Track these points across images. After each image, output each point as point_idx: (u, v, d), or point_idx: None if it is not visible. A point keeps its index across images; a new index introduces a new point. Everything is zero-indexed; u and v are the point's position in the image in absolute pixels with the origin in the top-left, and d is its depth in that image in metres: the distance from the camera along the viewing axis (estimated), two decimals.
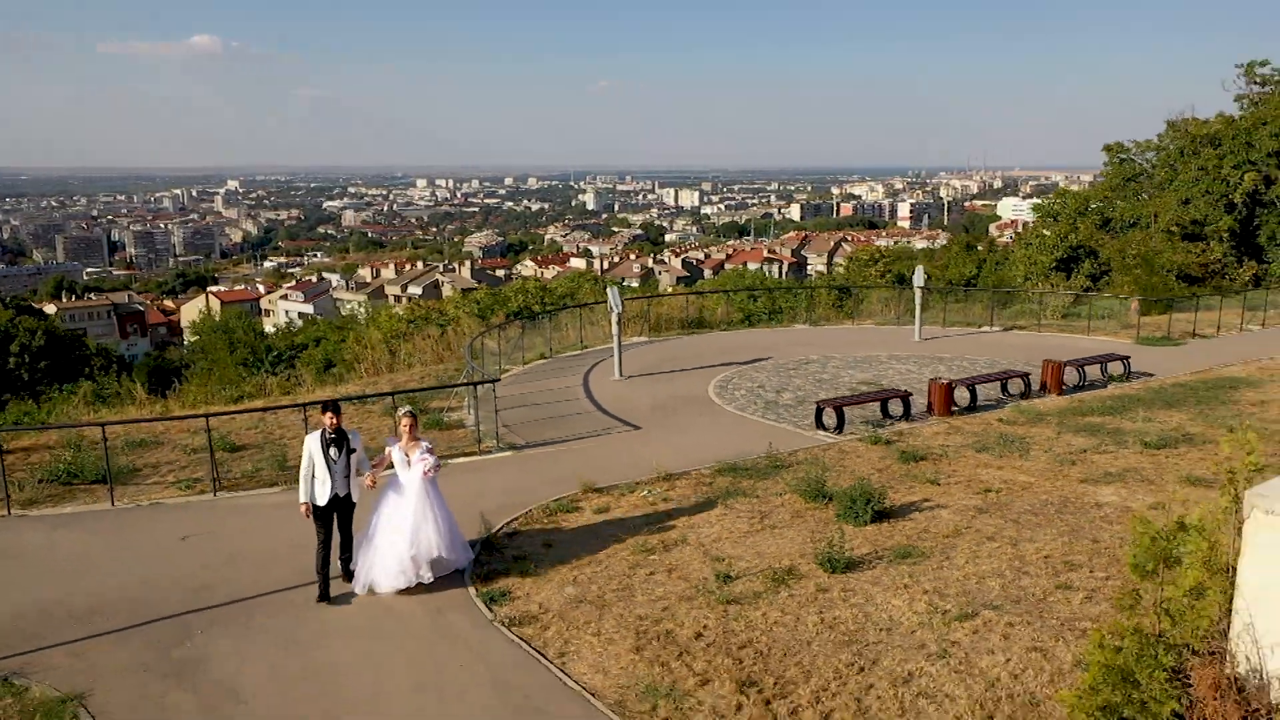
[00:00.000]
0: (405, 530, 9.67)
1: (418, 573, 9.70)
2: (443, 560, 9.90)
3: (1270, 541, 5.91)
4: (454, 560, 10.05)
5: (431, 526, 9.75)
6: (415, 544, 9.66)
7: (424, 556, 9.71)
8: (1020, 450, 14.63)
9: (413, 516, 9.71)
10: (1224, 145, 45.08)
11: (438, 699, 7.81)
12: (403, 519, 9.71)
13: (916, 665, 8.10)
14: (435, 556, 9.79)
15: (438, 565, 9.88)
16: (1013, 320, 29.60)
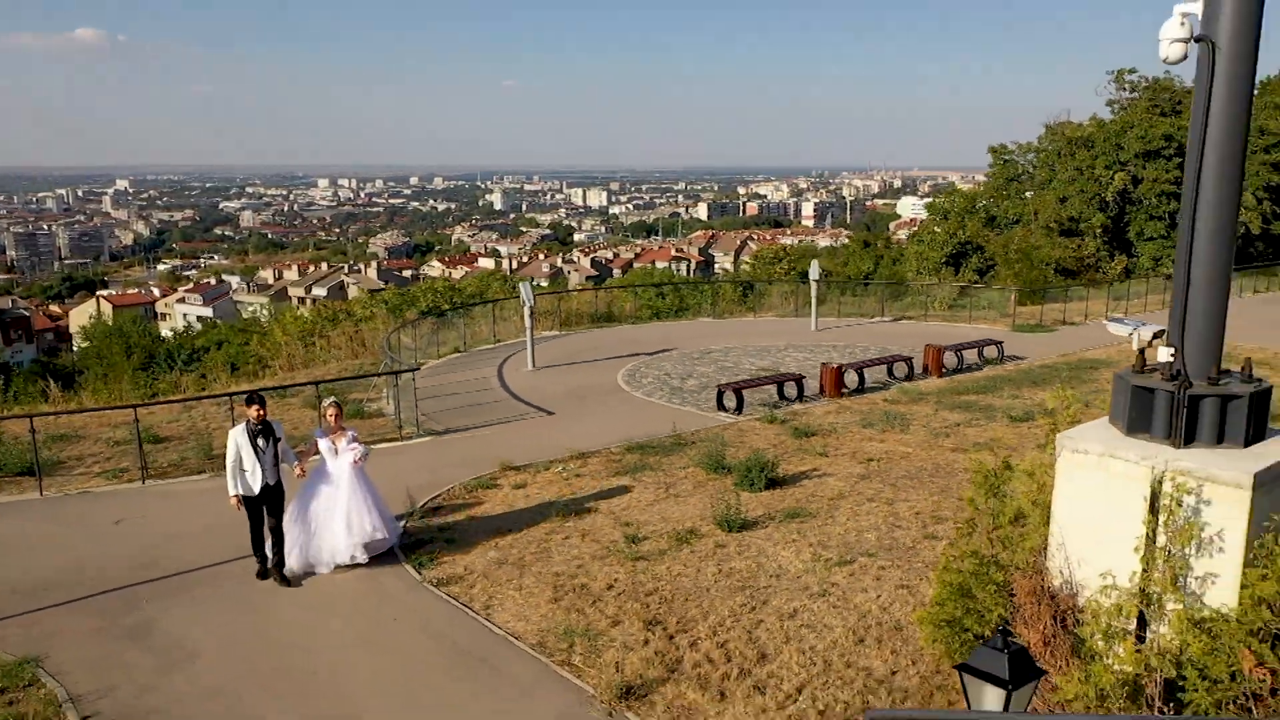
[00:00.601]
0: (338, 515, 10.14)
1: (352, 555, 10.18)
2: (375, 541, 10.40)
3: (1076, 474, 7.20)
4: (386, 539, 10.55)
5: (364, 510, 10.24)
6: (350, 528, 10.14)
7: (359, 539, 10.18)
8: (901, 425, 16.07)
9: (345, 502, 10.17)
10: (1096, 147, 48.18)
11: (376, 648, 8.64)
12: (335, 505, 10.16)
13: (801, 603, 9.27)
14: (369, 539, 10.28)
15: (371, 546, 10.37)
16: (903, 311, 31.46)
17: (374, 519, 10.33)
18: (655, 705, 7.62)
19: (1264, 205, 45.72)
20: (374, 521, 10.32)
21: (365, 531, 10.22)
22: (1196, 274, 6.94)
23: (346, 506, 10.18)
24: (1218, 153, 6.71)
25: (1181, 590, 6.61)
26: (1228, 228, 6.87)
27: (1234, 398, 6.86)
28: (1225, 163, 6.74)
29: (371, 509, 10.36)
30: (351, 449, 10.30)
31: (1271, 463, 6.57)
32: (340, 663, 8.38)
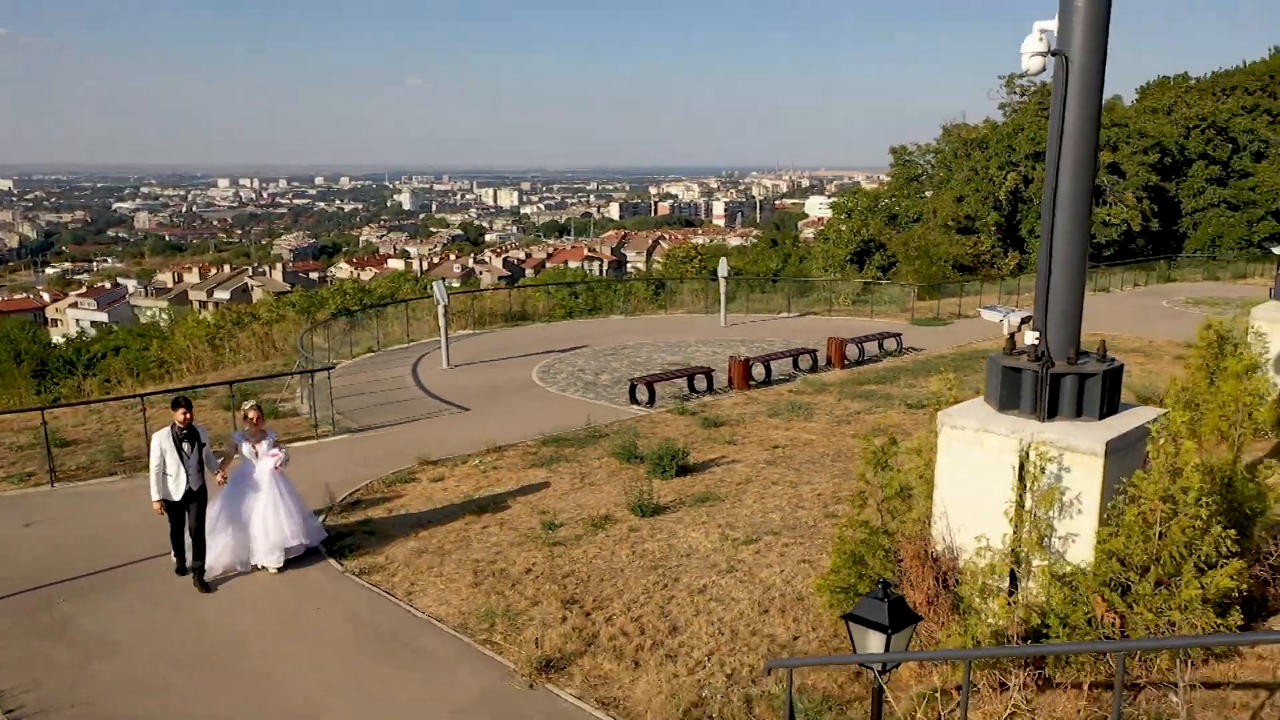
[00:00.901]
0: (258, 521, 10.11)
1: (268, 559, 10.15)
2: (292, 547, 10.33)
3: (955, 448, 7.90)
4: (303, 544, 10.50)
5: (284, 515, 10.19)
6: (267, 533, 10.10)
7: (277, 544, 10.14)
8: (805, 414, 16.82)
9: (264, 507, 10.13)
10: (990, 148, 50.37)
11: (301, 635, 8.87)
12: (255, 510, 10.12)
13: (710, 580, 9.81)
14: (287, 544, 10.22)
15: (291, 550, 10.33)
16: (809, 307, 32.51)
17: (292, 525, 10.29)
18: (574, 676, 8.06)
19: (1144, 204, 48.41)
20: (292, 528, 10.28)
21: (283, 537, 10.18)
22: (1056, 266, 7.70)
23: (264, 512, 10.14)
24: (1072, 155, 7.48)
25: (1046, 549, 7.35)
26: (1082, 223, 7.64)
27: (1090, 375, 7.63)
28: (1079, 164, 7.50)
29: (291, 514, 10.32)
30: (271, 455, 10.27)
31: (1122, 432, 7.35)
32: (266, 650, 8.59)
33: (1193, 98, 55.06)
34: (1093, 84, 7.37)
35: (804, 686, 7.69)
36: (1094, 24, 7.24)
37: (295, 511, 10.41)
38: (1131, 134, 49.52)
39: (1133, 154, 48.42)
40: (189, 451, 9.76)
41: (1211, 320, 13.58)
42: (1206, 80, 58.13)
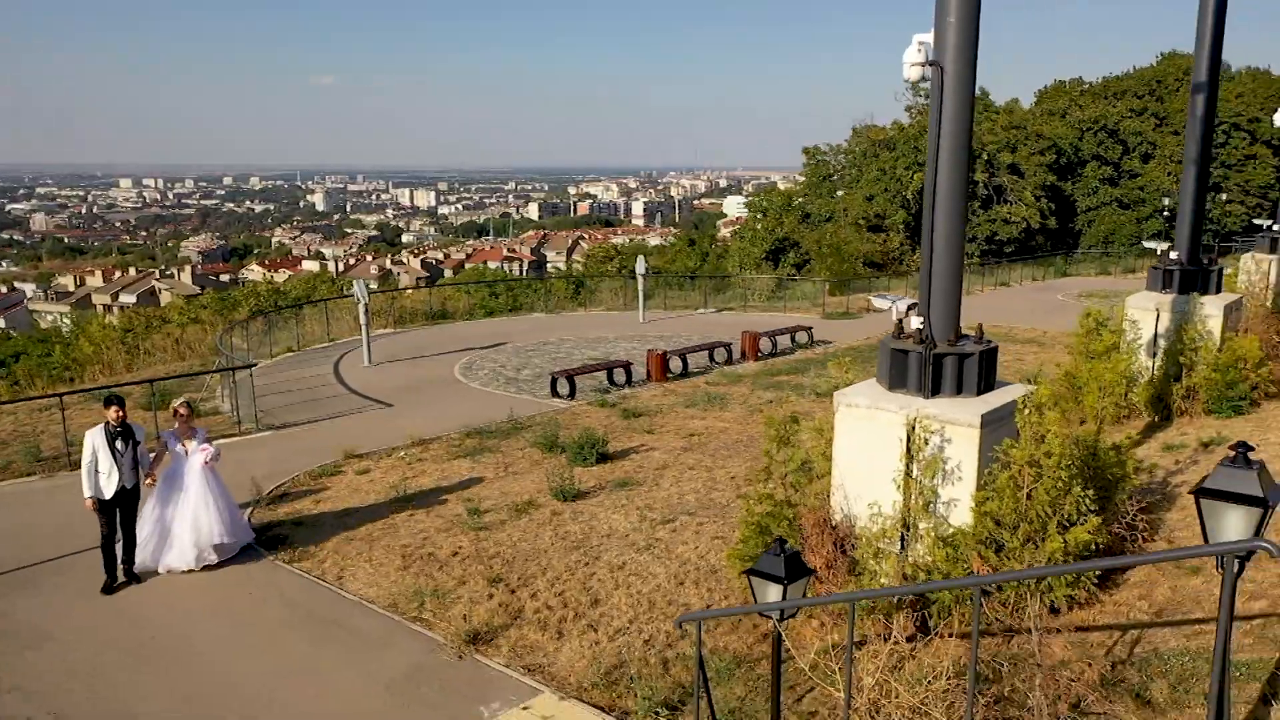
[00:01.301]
0: (187, 518, 10.09)
1: (199, 556, 10.13)
2: (225, 544, 10.33)
3: (849, 425, 8.61)
4: (237, 541, 10.54)
5: (214, 513, 10.18)
6: (198, 530, 10.09)
7: (206, 542, 10.14)
8: (720, 404, 17.54)
9: (193, 504, 10.13)
10: (898, 149, 52.10)
11: (234, 620, 9.16)
12: (184, 507, 10.11)
13: (629, 557, 10.38)
14: (218, 542, 10.22)
15: (221, 549, 10.32)
16: (725, 304, 33.38)
17: (222, 523, 10.27)
18: (500, 647, 8.55)
19: (1042, 202, 50.70)
20: (221, 526, 10.26)
21: (213, 534, 10.17)
22: (937, 257, 8.46)
23: (194, 509, 10.14)
24: (948, 155, 8.25)
25: (931, 514, 8.10)
26: (959, 217, 8.42)
27: (968, 356, 8.41)
28: (955, 163, 8.28)
29: (221, 511, 10.31)
30: (202, 449, 10.29)
31: (996, 406, 8.14)
32: (201, 635, 8.87)
33: (1086, 101, 57.78)
34: (965, 91, 8.16)
35: (716, 649, 8.32)
36: (965, 37, 8.02)
37: (225, 509, 10.41)
38: (1030, 135, 51.80)
39: (1031, 155, 50.65)
40: (123, 449, 9.76)
41: (1090, 310, 14.69)
42: (1099, 84, 61.01)
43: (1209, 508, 4.58)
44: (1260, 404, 13.63)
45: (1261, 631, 6.71)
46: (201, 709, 7.64)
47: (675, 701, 7.55)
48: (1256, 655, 6.36)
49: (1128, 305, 15.23)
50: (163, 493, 10.28)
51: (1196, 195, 14.76)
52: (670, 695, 7.61)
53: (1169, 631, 7.13)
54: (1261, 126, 52.11)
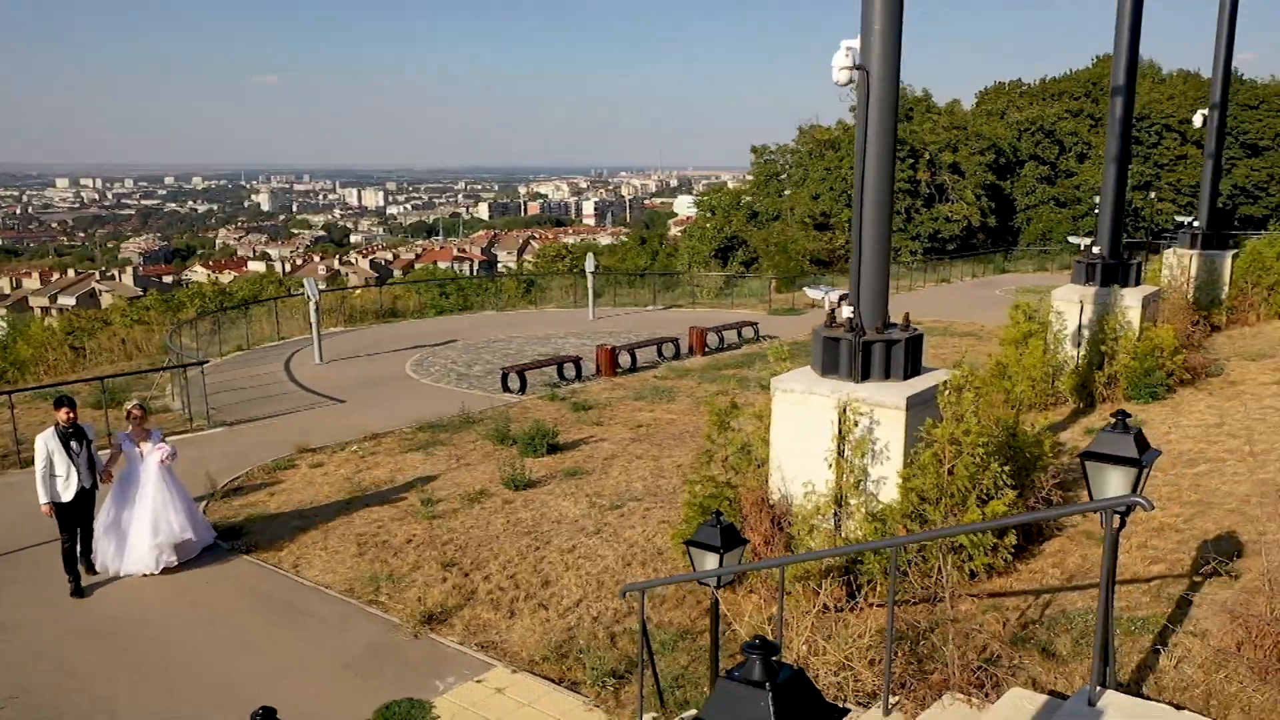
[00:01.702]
0: (146, 520, 9.98)
1: (161, 557, 10.03)
2: (184, 542, 10.25)
3: (785, 409, 9.11)
4: (196, 541, 10.42)
5: (173, 512, 10.10)
6: (158, 530, 9.99)
7: (168, 541, 10.04)
8: (668, 397, 18.01)
9: (151, 504, 10.02)
10: (842, 149, 52.99)
11: (194, 605, 9.41)
12: (142, 509, 10.01)
13: (579, 541, 10.78)
14: (178, 540, 10.13)
15: (182, 548, 10.24)
16: (674, 300, 33.89)
17: (181, 519, 10.19)
18: (455, 626, 8.90)
19: (982, 201, 51.97)
20: (181, 522, 10.17)
21: (173, 532, 10.09)
22: (866, 248, 8.99)
23: (153, 507, 10.04)
24: (875, 152, 8.76)
25: (862, 491, 8.62)
26: (886, 210, 8.95)
27: (895, 342, 8.94)
28: (881, 160, 8.80)
29: (179, 510, 10.22)
30: (159, 448, 10.20)
31: (921, 389, 8.68)
32: (162, 622, 9.10)
33: (1024, 102, 59.32)
34: (890, 94, 8.69)
35: (661, 623, 8.76)
36: (889, 43, 8.54)
37: (186, 507, 10.36)
38: (971, 136, 53.07)
39: (971, 154, 51.90)
40: (77, 450, 9.68)
41: (1020, 303, 15.37)
42: (1037, 86, 62.65)
43: (1093, 469, 5.13)
44: (1176, 390, 14.42)
45: (1158, 591, 7.32)
46: (159, 688, 7.90)
47: (622, 671, 7.97)
48: (1151, 612, 6.96)
49: (1054, 298, 15.97)
50: (117, 496, 10.19)
51: (1117, 192, 15.55)
52: (617, 665, 8.03)
53: (1077, 594, 7.72)
54: (1191, 128, 54.04)
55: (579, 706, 7.59)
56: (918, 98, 55.70)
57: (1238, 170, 54.48)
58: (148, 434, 10.37)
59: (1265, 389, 13.94)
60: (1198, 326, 16.95)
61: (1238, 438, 11.34)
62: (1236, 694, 5.47)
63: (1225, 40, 20.96)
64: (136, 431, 10.29)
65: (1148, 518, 8.91)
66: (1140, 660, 6.25)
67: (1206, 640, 6.20)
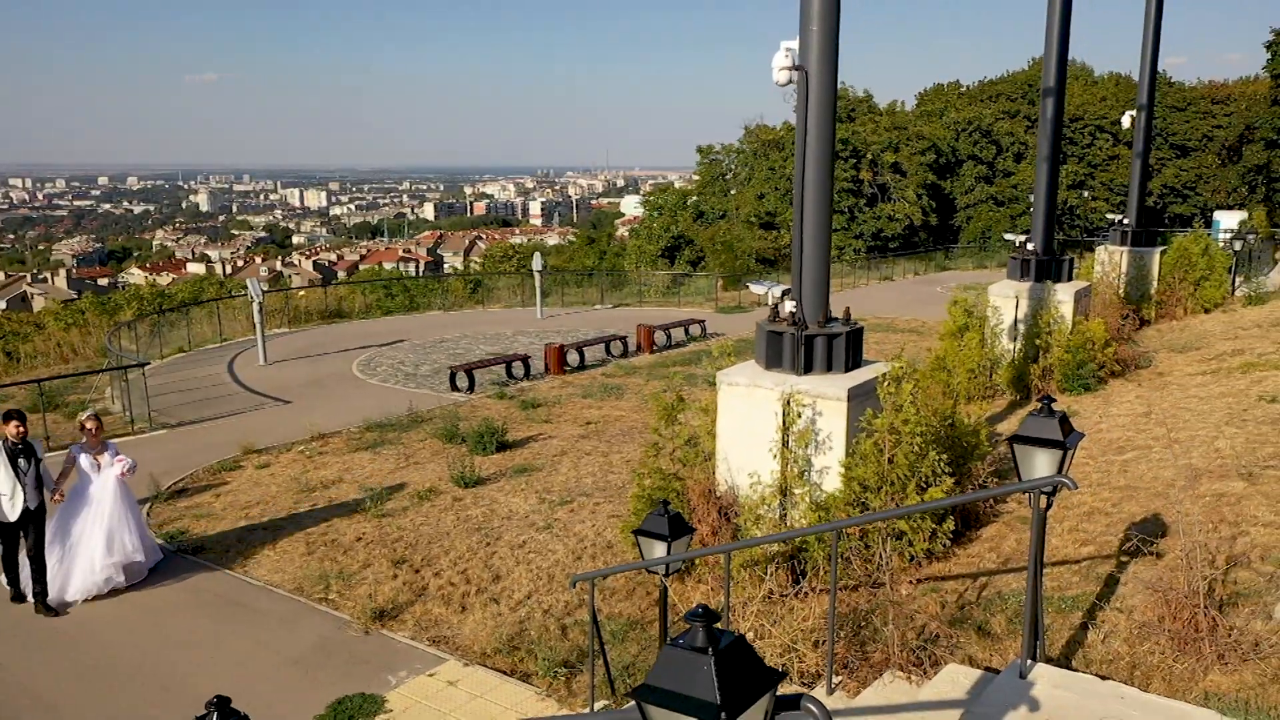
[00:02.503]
0: (98, 537, 9.45)
1: (109, 577, 9.48)
2: (134, 564, 9.76)
3: (730, 402, 9.30)
4: (144, 563, 9.93)
5: (127, 530, 9.65)
6: (111, 549, 9.49)
7: (118, 559, 9.53)
8: (616, 394, 18.15)
9: (107, 521, 9.53)
10: (786, 148, 53.57)
11: (139, 607, 9.31)
12: (96, 526, 9.50)
13: (529, 536, 10.87)
14: (129, 560, 9.66)
15: (131, 569, 9.74)
16: (621, 300, 34.03)
17: (134, 539, 9.72)
18: (406, 622, 8.94)
19: (923, 200, 52.96)
20: (134, 541, 9.71)
21: (126, 551, 9.59)
22: (807, 244, 9.21)
23: (109, 523, 9.53)
24: (815, 150, 8.98)
25: (806, 482, 8.84)
26: (826, 207, 9.18)
27: (836, 336, 9.18)
28: (821, 158, 9.02)
29: (133, 529, 9.77)
30: (119, 460, 9.71)
31: (862, 381, 8.93)
32: (109, 623, 9.01)
33: (963, 103, 60.52)
34: (828, 94, 8.91)
35: (611, 614, 8.89)
36: (826, 44, 8.77)
37: (137, 528, 9.90)
38: (911, 136, 54.02)
39: (912, 154, 52.83)
40: (25, 468, 9.13)
41: (958, 298, 15.77)
42: (975, 88, 63.95)
43: (1021, 452, 5.37)
44: (1107, 381, 14.93)
45: (1087, 571, 7.63)
46: (104, 690, 7.83)
47: (574, 662, 8.09)
48: (1081, 590, 7.26)
49: (990, 293, 16.43)
50: (68, 513, 9.65)
51: (1049, 191, 16.04)
52: (569, 656, 8.15)
53: (1012, 576, 8.00)
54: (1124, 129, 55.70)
55: (532, 697, 7.69)
56: (859, 98, 56.59)
57: (1167, 170, 56.14)
58: (104, 447, 9.84)
59: (1190, 380, 14.49)
60: (1127, 320, 17.54)
61: (1164, 426, 11.80)
62: (1158, 664, 5.76)
63: (1151, 44, 21.72)
64: (92, 443, 9.77)
65: (1079, 502, 9.26)
66: (1070, 636, 6.53)
67: (1131, 616, 6.50)
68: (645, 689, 2.90)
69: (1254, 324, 18.97)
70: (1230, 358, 15.61)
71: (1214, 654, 5.49)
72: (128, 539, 9.66)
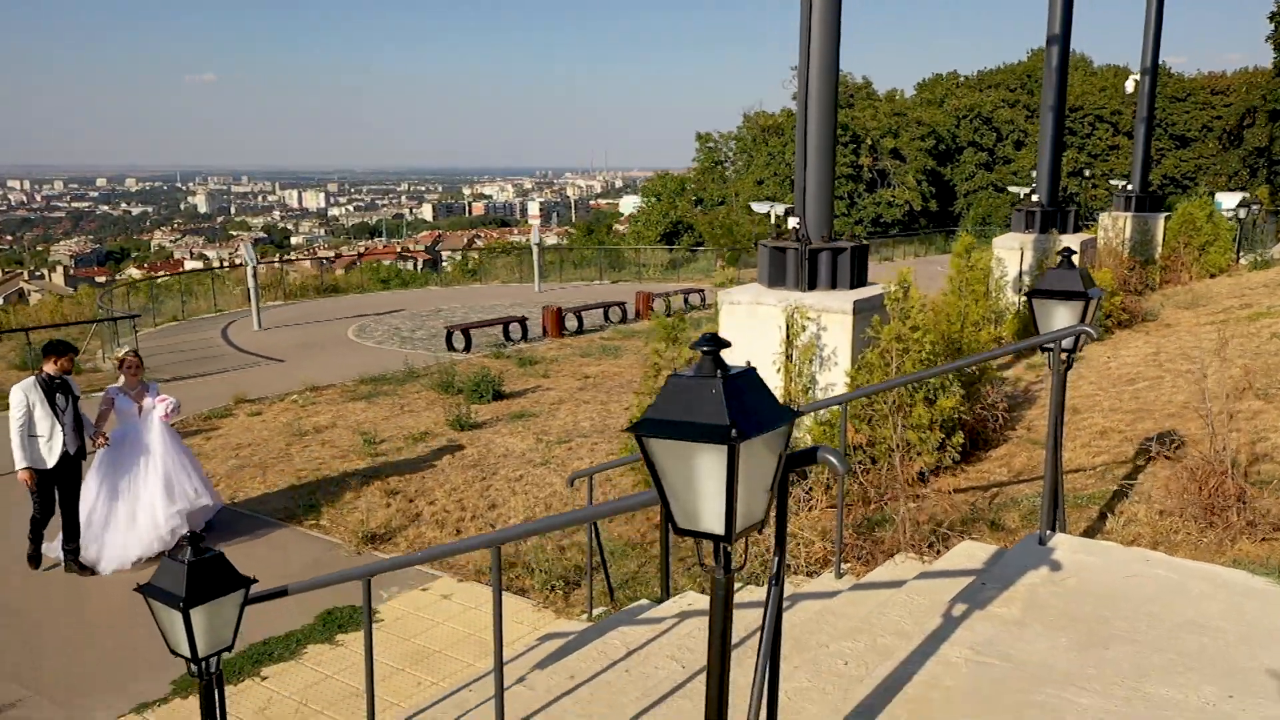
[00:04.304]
0: (157, 487, 8.48)
1: (175, 528, 8.36)
2: (199, 508, 8.82)
3: (733, 320, 9.05)
4: (212, 504, 9.02)
5: (185, 475, 8.68)
6: (173, 497, 8.54)
7: (184, 508, 8.59)
8: (615, 354, 17.89)
9: (162, 468, 8.53)
10: (786, 134, 53.39)
11: None
12: (151, 475, 8.50)
13: (526, 470, 10.61)
14: (193, 505, 8.70)
15: (196, 516, 8.79)
16: (620, 278, 33.77)
17: (196, 482, 8.79)
18: (399, 544, 8.68)
19: (923, 186, 52.75)
20: (196, 484, 8.77)
21: (189, 497, 8.65)
22: (811, 159, 8.95)
23: (164, 470, 8.52)
24: (819, 58, 8.72)
25: (810, 397, 8.58)
26: (830, 125, 8.93)
27: (841, 251, 8.93)
28: (825, 70, 8.76)
29: (193, 471, 8.86)
30: (161, 400, 8.65)
31: (868, 296, 8.69)
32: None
33: (962, 91, 60.33)
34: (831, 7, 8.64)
35: (611, 537, 8.62)
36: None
37: (196, 470, 8.96)
38: (910, 122, 53.81)
39: (912, 140, 52.64)
40: (63, 405, 8.04)
41: (960, 248, 15.51)
42: (974, 78, 63.75)
43: (1040, 306, 5.11)
44: (1114, 331, 14.67)
45: (1103, 474, 7.38)
46: (78, 624, 7.58)
47: (572, 578, 7.83)
48: (1098, 489, 7.01)
49: (995, 245, 16.18)
50: (110, 469, 8.49)
51: (1054, 141, 15.80)
52: (566, 574, 7.89)
53: (1025, 486, 7.76)
54: (1123, 119, 55.37)
55: (528, 607, 7.44)
56: (859, 85, 56.37)
57: (1167, 161, 55.96)
58: (144, 388, 8.73)
59: (1199, 328, 14.24)
60: (1133, 273, 17.29)
61: (1175, 361, 11.56)
62: (1183, 539, 5.51)
63: (1155, 7, 21.46)
64: (130, 383, 8.64)
65: (1091, 424, 9.02)
66: (1088, 525, 6.28)
67: (1152, 504, 6.25)
68: (644, 422, 2.65)
69: (1261, 284, 18.72)
70: (1238, 310, 15.37)
71: (1243, 522, 5.24)
72: (188, 484, 8.66)
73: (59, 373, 8.08)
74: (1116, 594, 4.51)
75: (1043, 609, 4.40)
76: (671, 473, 2.61)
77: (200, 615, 3.96)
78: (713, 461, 2.49)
